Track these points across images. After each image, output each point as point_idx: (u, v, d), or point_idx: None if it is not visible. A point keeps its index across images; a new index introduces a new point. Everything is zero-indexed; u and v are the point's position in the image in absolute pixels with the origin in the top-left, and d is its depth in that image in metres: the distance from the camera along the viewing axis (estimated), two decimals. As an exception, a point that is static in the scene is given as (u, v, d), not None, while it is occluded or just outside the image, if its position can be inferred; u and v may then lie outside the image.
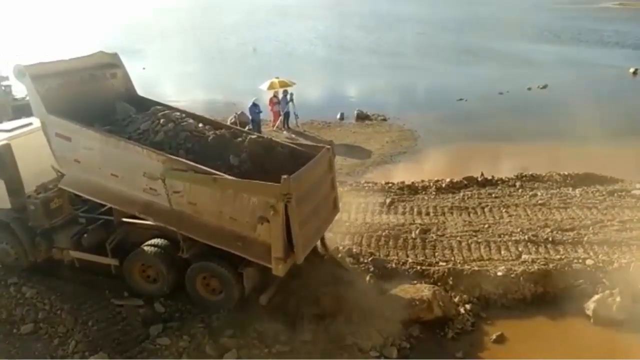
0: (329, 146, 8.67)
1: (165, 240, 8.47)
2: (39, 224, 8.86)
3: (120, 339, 7.80)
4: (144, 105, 9.34)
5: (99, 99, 9.03)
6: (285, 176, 6.92)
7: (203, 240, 7.82)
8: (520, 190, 12.90)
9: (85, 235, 8.83)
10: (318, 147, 8.77)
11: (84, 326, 8.01)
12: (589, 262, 9.32)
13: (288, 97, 20.29)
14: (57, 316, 8.24)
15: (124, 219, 8.74)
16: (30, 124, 9.26)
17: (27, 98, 10.28)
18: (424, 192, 13.06)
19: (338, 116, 22.30)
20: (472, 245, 10.19)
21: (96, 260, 8.84)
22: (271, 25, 66.17)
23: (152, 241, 8.53)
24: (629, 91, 26.76)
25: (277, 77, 21.10)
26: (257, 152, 8.39)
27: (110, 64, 9.62)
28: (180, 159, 7.69)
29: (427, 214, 11.86)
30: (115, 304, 8.45)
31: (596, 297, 8.51)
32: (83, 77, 9.05)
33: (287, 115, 20.52)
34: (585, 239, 10.20)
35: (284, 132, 19.94)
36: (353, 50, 44.26)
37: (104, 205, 9.26)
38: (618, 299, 8.30)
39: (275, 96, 20.46)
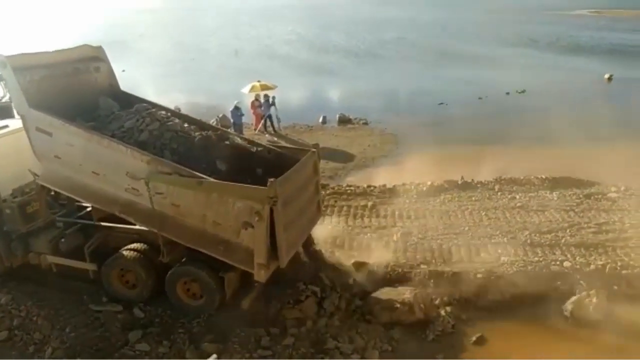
0: (314, 149, 8.62)
1: (145, 245, 8.33)
2: (15, 229, 8.66)
3: (99, 345, 7.63)
4: (128, 101, 9.08)
5: (82, 93, 8.73)
6: (271, 179, 6.84)
7: (185, 243, 7.70)
8: (499, 194, 13.06)
9: (62, 239, 8.62)
10: (304, 150, 8.70)
11: (61, 332, 7.81)
12: (566, 264, 9.49)
13: (270, 100, 20.27)
14: (33, 322, 8.01)
15: (103, 223, 8.58)
16: (7, 126, 9.02)
17: (4, 100, 10.05)
18: (405, 195, 13.13)
19: (320, 120, 22.36)
20: (453, 248, 10.29)
21: (74, 265, 8.65)
22: (253, 28, 66.05)
23: (132, 245, 8.39)
24: (605, 97, 27.27)
25: (259, 81, 21.12)
26: (243, 155, 8.31)
27: (94, 57, 9.30)
28: (165, 160, 7.56)
29: (409, 217, 11.94)
30: (94, 309, 8.26)
31: (573, 298, 8.66)
32: (66, 70, 8.72)
33: (269, 118, 20.50)
34: (563, 241, 10.38)
35: (266, 135, 19.88)
36: (334, 54, 44.42)
37: (82, 209, 9.11)
38: (594, 299, 8.45)
39: (257, 99, 20.44)
